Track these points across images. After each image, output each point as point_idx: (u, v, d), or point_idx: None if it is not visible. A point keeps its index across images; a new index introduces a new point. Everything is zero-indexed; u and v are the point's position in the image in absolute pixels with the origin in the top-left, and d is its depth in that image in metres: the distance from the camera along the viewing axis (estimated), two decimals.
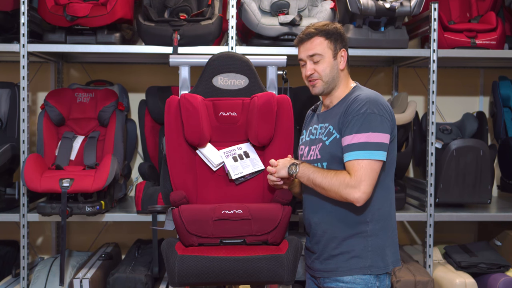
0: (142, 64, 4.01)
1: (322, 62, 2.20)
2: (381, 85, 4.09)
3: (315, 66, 2.21)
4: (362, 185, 2.04)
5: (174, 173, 2.49)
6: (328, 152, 2.16)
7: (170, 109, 2.51)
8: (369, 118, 2.08)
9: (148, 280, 3.08)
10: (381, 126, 2.08)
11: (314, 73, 2.22)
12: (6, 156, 3.24)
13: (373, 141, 2.06)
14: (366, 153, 2.05)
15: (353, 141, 2.08)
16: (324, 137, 2.19)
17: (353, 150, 2.07)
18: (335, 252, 2.17)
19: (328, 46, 2.21)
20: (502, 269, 3.30)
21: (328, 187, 2.08)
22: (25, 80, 3.20)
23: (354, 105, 2.13)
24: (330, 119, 2.21)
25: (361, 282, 2.13)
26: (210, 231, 2.27)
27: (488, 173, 3.37)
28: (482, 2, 3.75)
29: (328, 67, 2.21)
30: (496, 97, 3.80)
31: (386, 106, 2.14)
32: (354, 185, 2.04)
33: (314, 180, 2.12)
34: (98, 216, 3.18)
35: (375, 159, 2.06)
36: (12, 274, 3.40)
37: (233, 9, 3.23)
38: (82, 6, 3.21)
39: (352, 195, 2.04)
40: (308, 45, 2.22)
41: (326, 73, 2.21)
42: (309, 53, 2.22)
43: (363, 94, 2.16)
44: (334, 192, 2.07)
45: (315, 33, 2.21)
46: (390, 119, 2.12)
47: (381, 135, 2.08)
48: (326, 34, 2.21)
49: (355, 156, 2.06)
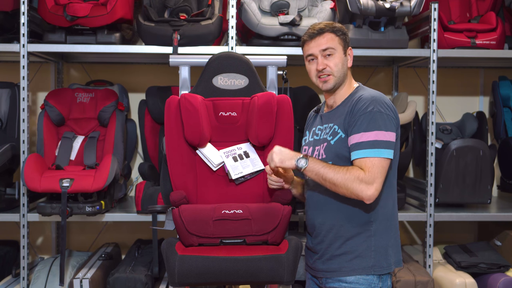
0: (142, 64, 4.01)
1: (334, 57, 2.21)
2: (381, 85, 4.09)
3: (327, 61, 2.21)
4: (376, 183, 2.04)
5: (174, 173, 2.49)
6: (333, 151, 2.16)
7: (170, 109, 2.51)
8: (376, 116, 2.09)
9: (148, 280, 3.08)
10: (388, 124, 2.10)
11: (326, 67, 2.21)
12: (6, 156, 3.24)
13: (382, 139, 2.07)
14: (377, 151, 2.06)
15: (362, 139, 2.08)
16: (329, 137, 2.19)
17: (363, 148, 2.07)
18: (338, 252, 2.16)
19: (339, 42, 2.22)
20: (502, 269, 3.30)
21: (341, 182, 2.05)
22: (25, 80, 3.20)
23: (359, 104, 2.13)
24: (335, 119, 2.21)
25: (364, 282, 2.13)
26: (210, 231, 2.27)
27: (488, 173, 3.37)
28: (482, 2, 3.75)
29: (340, 62, 2.22)
30: (496, 97, 3.80)
31: (391, 105, 2.15)
32: (368, 182, 2.03)
33: (324, 175, 2.08)
34: (98, 216, 3.18)
35: (385, 157, 2.07)
36: (12, 274, 3.39)
37: (233, 9, 3.24)
38: (82, 6, 3.21)
39: (365, 192, 2.03)
40: (320, 40, 2.22)
41: (338, 68, 2.21)
42: (322, 47, 2.21)
43: (367, 93, 2.17)
44: (346, 188, 2.05)
45: (325, 29, 2.22)
46: (395, 117, 2.14)
47: (388, 134, 2.09)
48: (336, 31, 2.23)
49: (366, 154, 2.06)
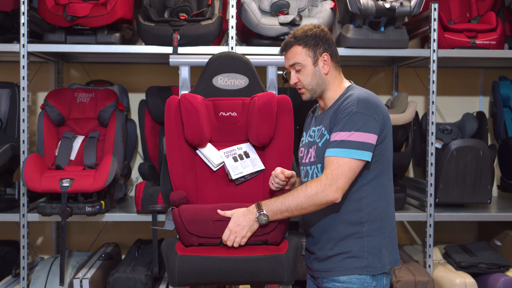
0: (142, 64, 4.01)
1: (303, 71, 2.21)
2: (381, 85, 4.09)
3: (298, 75, 2.23)
4: (338, 183, 2.03)
5: (174, 173, 2.49)
6: (320, 154, 2.16)
7: (170, 109, 2.51)
8: (355, 117, 2.07)
9: (148, 280, 3.08)
10: (368, 126, 2.07)
11: (298, 81, 2.23)
12: (6, 156, 3.24)
13: (355, 140, 2.05)
14: (346, 151, 2.04)
15: (335, 138, 2.07)
16: (317, 139, 2.20)
17: (334, 147, 2.06)
18: (331, 253, 2.17)
19: (307, 54, 2.20)
20: (502, 269, 3.30)
21: (306, 202, 2.05)
22: (25, 80, 3.20)
23: (343, 104, 2.13)
24: (324, 121, 2.21)
25: (357, 281, 2.13)
26: (210, 231, 2.27)
27: (488, 173, 3.37)
28: (482, 2, 3.75)
29: (310, 75, 2.21)
30: (496, 97, 3.80)
31: (375, 105, 2.11)
32: (328, 186, 2.03)
33: (289, 207, 2.08)
34: (98, 216, 3.18)
35: (355, 158, 2.05)
36: (12, 274, 3.40)
37: (233, 9, 3.24)
38: (82, 6, 3.21)
39: (330, 196, 2.03)
40: (288, 54, 2.24)
41: (308, 81, 2.21)
42: (289, 62, 2.24)
43: (355, 93, 2.15)
44: (314, 204, 2.05)
45: (293, 42, 2.21)
46: (378, 119, 2.09)
47: (366, 135, 2.06)
48: (304, 42, 2.20)
49: (334, 153, 2.05)
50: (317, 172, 2.20)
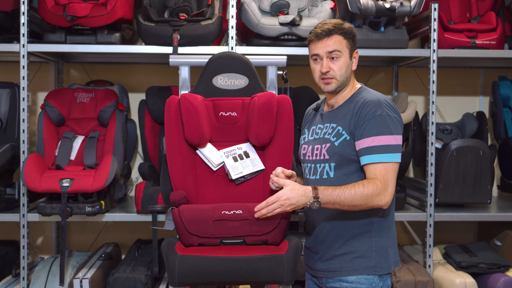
0: (142, 64, 4.01)
1: (339, 61, 2.17)
2: (381, 85, 4.08)
3: (332, 64, 2.17)
4: (389, 188, 2.06)
5: (174, 173, 2.49)
6: (337, 153, 2.15)
7: (170, 109, 2.51)
8: (386, 120, 2.09)
9: (148, 280, 3.08)
10: (397, 128, 2.11)
11: (330, 71, 2.17)
12: (6, 156, 3.24)
13: (392, 143, 2.08)
14: (389, 156, 2.07)
15: (374, 143, 2.07)
16: (332, 138, 2.18)
17: (375, 152, 2.07)
18: (339, 252, 2.16)
19: (346, 45, 2.18)
20: (502, 269, 3.30)
21: (360, 201, 2.04)
22: (25, 80, 3.20)
23: (367, 107, 2.12)
24: (338, 120, 2.19)
25: (366, 282, 2.13)
26: (210, 231, 2.27)
27: (488, 173, 3.37)
28: (482, 2, 3.75)
29: (344, 66, 2.18)
30: (496, 97, 3.80)
31: (396, 107, 2.16)
32: (383, 189, 2.05)
33: (342, 202, 2.05)
34: (98, 216, 3.18)
35: (396, 162, 2.09)
36: (12, 274, 3.40)
37: (233, 9, 3.24)
38: (82, 6, 3.21)
39: (383, 200, 2.05)
40: (327, 41, 2.16)
41: (342, 72, 2.18)
42: (328, 49, 2.16)
43: (372, 96, 2.16)
44: (367, 205, 2.05)
45: (334, 31, 2.16)
46: (401, 120, 2.15)
47: (397, 137, 2.10)
48: (345, 33, 2.17)
49: (379, 159, 2.06)
50: (328, 170, 2.18)
